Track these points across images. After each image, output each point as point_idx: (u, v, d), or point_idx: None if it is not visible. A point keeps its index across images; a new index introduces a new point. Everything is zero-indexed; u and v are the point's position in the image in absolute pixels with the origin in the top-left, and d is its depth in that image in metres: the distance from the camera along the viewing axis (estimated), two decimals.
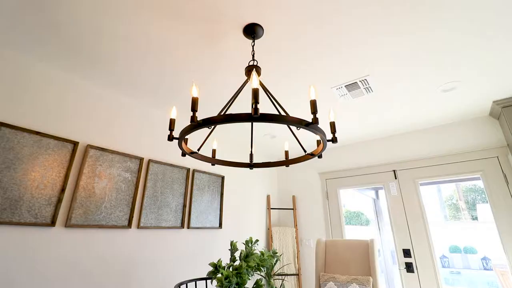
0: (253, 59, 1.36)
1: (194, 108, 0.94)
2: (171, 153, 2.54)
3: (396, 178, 2.96)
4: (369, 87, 2.04)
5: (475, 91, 2.14)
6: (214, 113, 2.52)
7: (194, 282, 2.05)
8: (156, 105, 2.42)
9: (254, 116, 0.88)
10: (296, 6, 1.32)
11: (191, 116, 0.92)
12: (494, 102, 2.30)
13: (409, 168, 2.89)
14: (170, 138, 1.10)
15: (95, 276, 1.82)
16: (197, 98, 0.95)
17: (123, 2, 1.31)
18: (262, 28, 1.46)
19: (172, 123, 1.11)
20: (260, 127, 2.81)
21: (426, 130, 2.89)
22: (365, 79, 1.94)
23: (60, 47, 1.66)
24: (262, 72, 1.86)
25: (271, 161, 3.95)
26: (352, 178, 3.28)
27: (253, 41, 1.45)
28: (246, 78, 1.53)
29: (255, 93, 0.88)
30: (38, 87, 1.81)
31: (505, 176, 2.41)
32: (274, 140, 3.19)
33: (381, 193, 3.60)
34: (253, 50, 1.40)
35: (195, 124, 0.95)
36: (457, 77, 1.95)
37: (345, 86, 2.02)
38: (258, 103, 0.88)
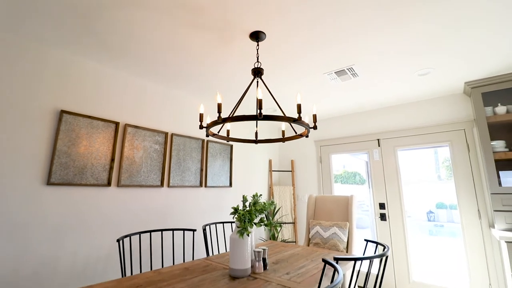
0: (258, 61, 1.75)
1: (219, 111, 1.40)
2: (189, 127, 3.03)
3: (379, 146, 3.46)
4: (355, 73, 2.41)
5: (448, 74, 2.50)
6: (224, 96, 2.93)
7: (215, 224, 2.71)
8: (176, 87, 2.83)
9: (259, 117, 1.34)
10: (292, 14, 1.65)
11: (217, 116, 1.38)
12: (465, 83, 2.66)
13: (391, 137, 3.37)
14: (201, 127, 1.58)
15: (140, 220, 2.47)
16: (221, 103, 1.40)
17: (149, 14, 1.66)
18: (265, 34, 1.81)
19: (201, 117, 1.57)
20: (263, 104, 3.24)
21: (405, 105, 3.30)
22: (351, 67, 2.31)
23: (103, 48, 2.03)
24: (264, 65, 2.24)
25: (272, 131, 4.44)
26: (343, 145, 3.80)
27: (257, 45, 1.81)
28: (252, 77, 1.92)
29: (260, 102, 1.33)
30: (85, 79, 2.23)
31: (468, 145, 2.89)
32: (275, 113, 3.64)
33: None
34: (257, 53, 1.78)
35: (219, 121, 1.42)
36: (431, 64, 2.30)
37: (334, 72, 2.39)
38: (262, 108, 1.34)
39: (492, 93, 2.74)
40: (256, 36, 1.79)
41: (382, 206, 3.35)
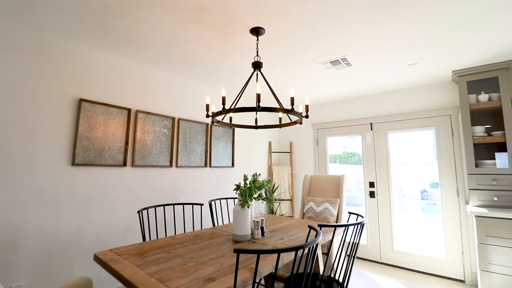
0: (257, 55, 1.94)
1: (223, 103, 1.62)
2: (194, 112, 3.25)
3: (372, 129, 3.69)
4: (349, 62, 2.58)
5: (435, 64, 2.66)
6: (226, 84, 3.11)
7: (219, 200, 3.03)
8: (181, 75, 3.01)
9: (258, 109, 1.57)
10: (291, 13, 1.81)
11: (222, 108, 1.61)
12: (453, 71, 2.83)
13: (383, 121, 3.59)
14: (207, 116, 1.81)
15: (152, 196, 2.79)
16: (225, 97, 1.62)
17: (158, 13, 1.83)
18: (264, 29, 1.97)
19: (207, 107, 1.79)
20: (263, 88, 3.43)
21: (396, 91, 3.49)
22: (345, 58, 2.48)
23: (115, 41, 2.20)
24: (264, 57, 2.41)
25: (272, 115, 4.64)
26: (338, 129, 4.03)
27: (257, 39, 1.99)
28: (253, 70, 2.10)
29: (258, 96, 1.55)
30: (100, 69, 2.43)
31: (452, 130, 3.12)
32: (272, 98, 3.83)
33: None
34: (257, 47, 1.96)
35: (223, 112, 1.65)
36: (419, 55, 2.46)
37: (329, 62, 2.57)
38: (260, 102, 1.56)
39: (477, 81, 2.92)
40: (256, 31, 1.96)
41: (371, 184, 3.65)
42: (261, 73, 1.92)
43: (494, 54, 2.44)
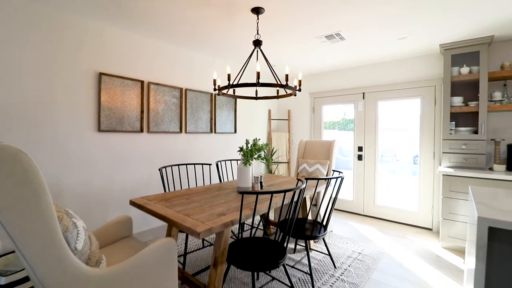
0: (257, 33, 2.18)
1: (228, 79, 1.92)
2: (199, 83, 3.52)
3: (363, 99, 3.98)
4: (342, 37, 2.78)
5: (423, 38, 2.86)
6: (229, 58, 3.32)
7: (224, 161, 3.47)
8: (188, 48, 3.22)
9: (258, 85, 1.88)
10: None
11: (227, 83, 1.91)
12: (440, 45, 3.03)
13: (374, 91, 3.86)
14: (214, 89, 2.12)
15: (166, 158, 3.21)
16: (230, 74, 1.91)
17: None
18: (263, 9, 2.18)
19: (214, 82, 2.09)
20: (263, 61, 3.64)
21: (387, 62, 3.71)
22: (339, 32, 2.68)
23: (129, 18, 2.41)
24: (264, 33, 2.61)
25: (271, 83, 4.86)
26: (333, 97, 4.31)
27: (258, 18, 2.20)
28: (253, 48, 2.34)
29: (258, 74, 1.85)
30: (115, 45, 2.66)
31: (435, 99, 3.41)
32: (273, 68, 4.05)
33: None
34: (257, 26, 2.19)
35: (228, 87, 1.96)
36: (408, 30, 2.66)
37: (324, 36, 2.77)
38: (259, 78, 1.86)
39: (460, 55, 3.13)
40: (257, 10, 2.17)
41: (360, 148, 4.06)
42: (261, 50, 2.18)
43: (477, 29, 2.63)
